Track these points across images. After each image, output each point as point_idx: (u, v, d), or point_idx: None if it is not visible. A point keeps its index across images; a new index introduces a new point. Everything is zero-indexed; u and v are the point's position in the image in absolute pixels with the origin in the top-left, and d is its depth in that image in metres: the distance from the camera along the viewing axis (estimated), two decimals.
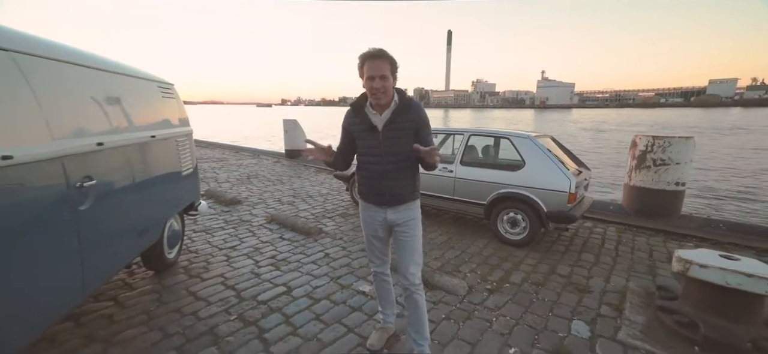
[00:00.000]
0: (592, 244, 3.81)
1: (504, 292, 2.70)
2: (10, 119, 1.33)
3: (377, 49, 1.60)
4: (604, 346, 2.07)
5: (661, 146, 4.57)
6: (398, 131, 1.69)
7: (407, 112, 1.69)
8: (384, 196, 1.77)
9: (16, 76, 1.39)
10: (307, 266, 3.05)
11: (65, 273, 1.56)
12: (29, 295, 1.37)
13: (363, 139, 1.75)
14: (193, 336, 2.07)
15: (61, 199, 1.51)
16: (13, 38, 1.43)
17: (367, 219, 1.88)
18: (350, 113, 1.79)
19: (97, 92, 1.92)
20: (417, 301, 1.82)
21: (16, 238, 1.30)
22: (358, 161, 1.83)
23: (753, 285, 1.90)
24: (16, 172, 1.30)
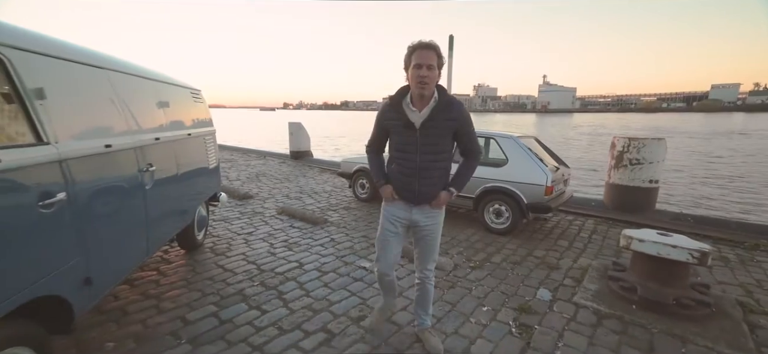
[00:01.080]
0: (570, 233, 4.26)
1: (484, 269, 3.16)
2: (109, 119, 1.83)
3: (428, 41, 1.62)
4: (560, 306, 2.53)
5: (636, 147, 5.01)
6: (436, 129, 1.67)
7: (448, 111, 1.67)
8: (414, 194, 1.76)
9: (108, 88, 1.89)
10: (315, 248, 3.53)
11: (140, 234, 2.05)
12: (122, 248, 1.87)
13: (399, 135, 1.74)
14: (225, 295, 2.55)
15: (137, 179, 2.01)
16: (107, 60, 1.93)
17: (390, 214, 1.85)
18: (387, 108, 1.76)
19: (154, 98, 2.42)
20: (428, 289, 1.97)
21: (115, 205, 1.80)
22: (392, 155, 1.83)
23: (677, 254, 2.36)
24: (113, 157, 1.79)
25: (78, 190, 1.50)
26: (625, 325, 2.28)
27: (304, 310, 2.40)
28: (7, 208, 1.20)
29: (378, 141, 1.91)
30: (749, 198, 8.13)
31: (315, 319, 2.30)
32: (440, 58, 1.63)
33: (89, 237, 1.58)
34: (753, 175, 11.03)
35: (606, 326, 2.28)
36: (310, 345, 2.04)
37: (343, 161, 6.01)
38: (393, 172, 1.83)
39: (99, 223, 1.67)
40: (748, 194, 8.52)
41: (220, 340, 2.05)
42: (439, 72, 1.66)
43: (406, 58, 1.65)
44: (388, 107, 1.76)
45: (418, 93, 1.65)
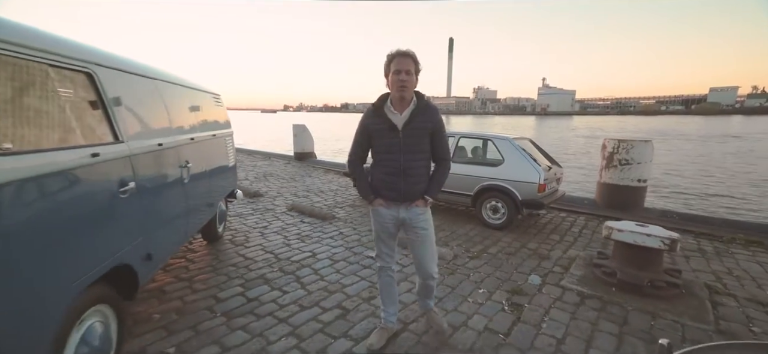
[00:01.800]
0: (562, 228, 4.57)
1: (481, 259, 3.47)
2: (159, 122, 2.15)
3: (405, 49, 1.77)
4: (549, 289, 2.83)
5: (625, 148, 5.33)
6: (416, 130, 1.81)
7: (425, 114, 1.82)
8: (399, 193, 1.86)
9: (157, 96, 2.20)
10: (326, 240, 3.83)
11: (181, 221, 2.36)
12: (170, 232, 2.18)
13: (383, 138, 1.85)
14: (249, 278, 2.85)
15: (178, 174, 2.31)
16: (156, 72, 2.24)
17: (380, 218, 1.94)
18: (371, 113, 1.88)
19: (188, 103, 2.73)
20: (431, 287, 2.05)
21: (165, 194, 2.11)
22: (375, 159, 1.93)
23: (651, 241, 2.67)
24: (163, 154, 2.10)
25: (141, 180, 1.81)
26: (604, 304, 2.59)
27: (320, 291, 2.71)
28: (102, 193, 1.51)
29: (361, 148, 1.96)
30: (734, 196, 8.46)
31: (330, 298, 2.61)
32: (417, 64, 1.78)
33: (149, 220, 1.89)
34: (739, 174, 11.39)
35: (587, 305, 2.59)
36: (328, 318, 2.34)
37: None
38: (377, 174, 1.91)
39: (155, 209, 1.98)
40: (733, 193, 8.86)
41: (250, 314, 2.35)
42: (417, 78, 1.80)
43: (386, 65, 1.79)
44: (371, 113, 1.88)
45: (398, 96, 1.79)
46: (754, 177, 11.19)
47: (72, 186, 1.36)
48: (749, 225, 4.62)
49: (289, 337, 2.13)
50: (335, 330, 2.22)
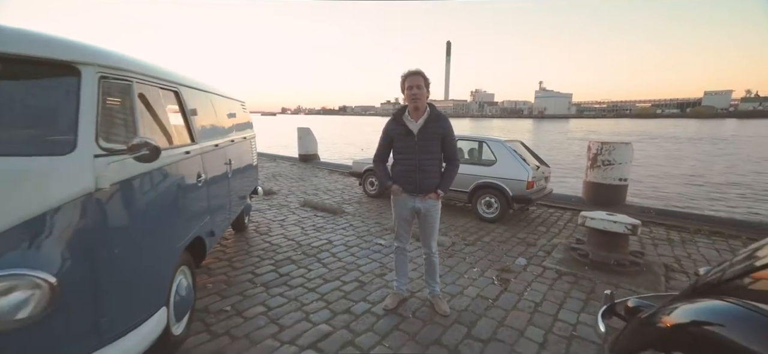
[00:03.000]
0: (549, 222, 5.09)
1: (476, 245, 3.97)
2: (212, 126, 2.65)
3: (416, 69, 2.21)
4: (532, 268, 3.34)
5: (607, 150, 5.86)
6: (429, 135, 2.21)
7: (437, 122, 2.22)
8: (416, 186, 2.26)
9: (210, 105, 2.70)
10: (339, 231, 4.33)
11: (227, 208, 2.86)
12: (222, 215, 2.68)
13: (401, 141, 2.27)
14: (278, 259, 3.35)
15: (225, 169, 2.82)
16: (209, 86, 2.75)
17: (399, 205, 2.36)
18: (392, 121, 2.33)
19: (227, 110, 3.24)
20: (434, 262, 2.50)
21: (218, 185, 2.61)
22: (395, 158, 2.35)
23: (617, 227, 3.19)
24: (217, 153, 2.61)
25: (207, 172, 2.31)
26: (578, 279, 3.10)
27: (339, 269, 3.21)
28: (190, 180, 2.01)
29: (384, 150, 2.38)
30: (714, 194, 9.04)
31: (348, 274, 3.11)
32: (426, 80, 2.21)
33: (211, 204, 2.39)
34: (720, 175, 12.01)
35: (563, 280, 3.10)
36: (348, 289, 2.84)
37: (354, 162, 6.83)
38: (397, 171, 2.32)
39: (214, 195, 2.48)
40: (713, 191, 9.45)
41: (284, 285, 2.85)
42: (427, 90, 2.21)
43: (402, 83, 2.24)
44: (392, 121, 2.32)
45: (413, 106, 2.22)
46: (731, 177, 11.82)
47: (176, 175, 1.86)
48: (715, 219, 5.17)
49: (319, 301, 2.63)
50: (355, 296, 2.72)
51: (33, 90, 1.37)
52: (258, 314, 2.42)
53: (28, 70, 1.33)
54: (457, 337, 2.23)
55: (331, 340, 2.17)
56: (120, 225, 1.45)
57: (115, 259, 1.40)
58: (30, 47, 1.31)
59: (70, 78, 1.36)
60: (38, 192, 1.22)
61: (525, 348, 2.16)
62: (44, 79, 1.37)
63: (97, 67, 1.43)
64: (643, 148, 20.29)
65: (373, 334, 2.25)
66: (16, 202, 1.19)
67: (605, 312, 1.88)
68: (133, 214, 1.53)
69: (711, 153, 18.88)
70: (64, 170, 1.27)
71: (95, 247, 1.33)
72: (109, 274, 1.37)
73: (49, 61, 1.34)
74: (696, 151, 19.53)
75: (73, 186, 1.27)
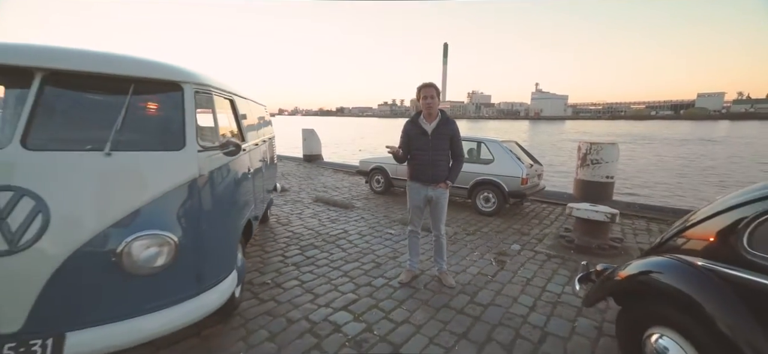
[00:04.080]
0: (542, 215, 5.57)
1: (476, 235, 4.45)
2: (252, 128, 3.10)
3: (429, 82, 2.70)
4: (525, 252, 3.81)
5: (595, 149, 6.35)
6: (440, 135, 2.71)
7: (447, 125, 2.73)
8: (428, 177, 2.76)
9: (249, 111, 3.16)
10: (352, 222, 4.78)
11: (261, 198, 3.31)
12: (259, 203, 3.13)
13: (417, 140, 2.75)
14: (302, 245, 3.80)
15: (260, 165, 3.27)
16: (246, 94, 3.20)
17: (413, 193, 2.86)
18: (409, 123, 2.82)
19: (258, 114, 3.69)
20: (442, 243, 2.97)
21: (257, 177, 3.06)
22: (412, 155, 2.82)
23: (598, 216, 3.67)
24: (257, 150, 3.07)
25: (252, 166, 2.76)
26: (564, 260, 3.58)
27: (357, 252, 3.66)
28: (245, 172, 2.46)
29: (405, 148, 2.84)
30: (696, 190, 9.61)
31: (366, 257, 3.56)
32: (437, 90, 2.73)
33: (255, 193, 2.85)
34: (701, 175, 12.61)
35: (552, 261, 3.58)
36: (367, 268, 3.29)
37: (361, 161, 7.29)
38: (414, 165, 2.83)
39: (256, 187, 2.93)
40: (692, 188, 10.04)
41: (311, 265, 3.30)
42: (439, 99, 2.72)
43: (417, 93, 2.77)
44: (410, 123, 2.82)
45: (427, 112, 2.74)
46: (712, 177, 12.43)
47: (237, 167, 2.31)
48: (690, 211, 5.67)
49: (343, 277, 3.08)
50: (374, 274, 3.18)
51: (153, 102, 1.82)
52: (294, 286, 2.87)
53: (149, 88, 1.79)
54: (462, 303, 2.70)
55: (358, 305, 2.62)
56: (212, 202, 1.90)
57: (208, 228, 1.85)
58: (151, 71, 1.77)
59: (176, 93, 1.82)
60: (162, 176, 1.68)
61: (518, 310, 2.63)
62: (159, 94, 1.82)
63: (192, 84, 1.88)
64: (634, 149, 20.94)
65: (392, 300, 2.71)
66: (151, 184, 1.64)
67: (581, 278, 2.36)
68: (218, 195, 1.98)
69: (700, 153, 19.53)
70: (178, 161, 1.72)
71: (198, 217, 1.78)
72: (206, 239, 1.82)
73: (162, 82, 1.80)
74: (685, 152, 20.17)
75: (185, 172, 1.73)
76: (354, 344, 2.16)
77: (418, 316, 2.51)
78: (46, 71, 1.57)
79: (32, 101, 1.52)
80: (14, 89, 1.66)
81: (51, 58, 1.58)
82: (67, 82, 1.63)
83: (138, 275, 1.57)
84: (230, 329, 2.25)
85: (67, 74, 1.62)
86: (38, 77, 1.56)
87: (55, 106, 1.61)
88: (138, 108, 1.78)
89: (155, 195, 1.64)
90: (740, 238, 1.46)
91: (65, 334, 1.43)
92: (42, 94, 1.55)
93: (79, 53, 1.65)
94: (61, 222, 1.44)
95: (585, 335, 2.34)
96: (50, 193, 1.43)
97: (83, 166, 1.55)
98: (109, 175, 1.58)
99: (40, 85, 1.55)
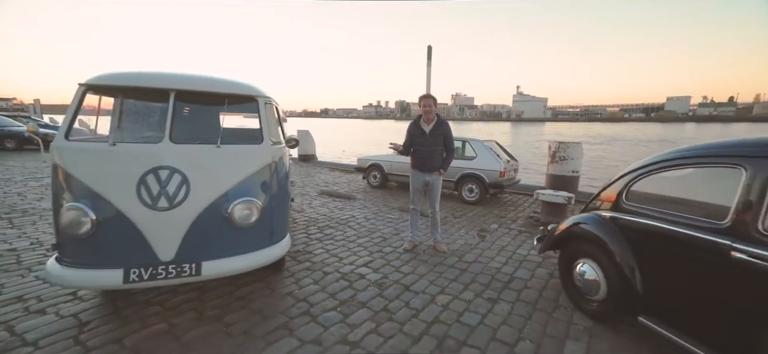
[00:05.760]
0: (517, 203, 6.53)
1: (462, 218, 5.33)
2: (282, 128, 3.87)
3: (427, 93, 3.65)
4: (502, 229, 4.72)
5: (563, 148, 7.35)
6: (436, 135, 3.55)
7: (441, 126, 3.56)
8: (427, 167, 3.61)
9: (275, 113, 3.92)
10: (356, 210, 5.58)
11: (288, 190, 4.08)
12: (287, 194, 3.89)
13: (419, 137, 3.59)
14: (319, 225, 4.57)
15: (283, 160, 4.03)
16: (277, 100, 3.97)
17: (415, 178, 3.70)
18: (412, 125, 3.64)
19: (282, 116, 4.45)
20: (436, 219, 3.79)
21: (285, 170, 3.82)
22: (415, 149, 3.65)
23: (558, 199, 4.62)
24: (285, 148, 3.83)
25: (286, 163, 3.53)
26: (532, 234, 4.49)
27: (365, 231, 4.47)
28: (287, 161, 3.23)
29: (409, 144, 3.72)
30: None
31: (373, 234, 4.37)
32: (435, 100, 3.58)
33: (291, 180, 3.61)
34: None
35: (522, 235, 4.49)
36: (376, 241, 4.10)
37: (358, 159, 8.09)
38: (416, 157, 3.68)
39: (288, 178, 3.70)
40: None
41: (330, 239, 4.08)
42: (435, 106, 3.60)
43: (419, 101, 3.63)
44: (413, 125, 3.69)
45: (425, 116, 3.62)
46: None
47: (287, 156, 3.09)
48: None
49: (358, 247, 3.88)
50: (382, 245, 3.99)
51: (242, 110, 2.59)
52: (321, 253, 3.65)
53: (237, 100, 2.55)
54: (453, 262, 3.55)
55: (374, 263, 3.43)
56: (278, 181, 2.68)
57: (277, 198, 2.62)
58: (236, 89, 2.55)
59: (253, 104, 2.59)
60: (251, 162, 2.45)
61: (494, 265, 3.50)
62: (244, 105, 2.60)
63: (262, 97, 2.66)
64: (605, 149, 22.55)
65: (399, 261, 3.53)
66: (245, 166, 2.41)
67: (538, 238, 3.26)
68: (281, 176, 2.76)
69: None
70: (260, 151, 2.50)
71: (272, 190, 2.56)
72: (276, 206, 2.60)
73: (244, 96, 2.57)
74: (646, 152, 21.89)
75: (264, 159, 2.51)
76: (376, 285, 2.98)
77: (420, 269, 3.35)
78: (177, 91, 2.32)
79: (171, 111, 2.26)
80: (158, 102, 2.41)
81: (179, 82, 2.34)
82: (190, 98, 2.39)
83: (239, 227, 2.33)
84: (283, 278, 3.02)
85: (190, 92, 2.37)
86: (172, 95, 2.31)
87: (184, 114, 2.36)
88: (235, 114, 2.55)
89: (248, 174, 2.41)
90: (622, 195, 2.37)
91: (202, 262, 2.18)
92: (176, 106, 2.30)
93: (195, 78, 2.41)
94: (196, 190, 2.19)
95: (541, 278, 3.23)
96: (189, 171, 2.19)
97: (205, 154, 2.31)
98: (220, 161, 2.34)
99: (174, 100, 2.30)
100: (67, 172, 2.08)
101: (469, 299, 2.78)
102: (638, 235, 2.21)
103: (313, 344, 2.15)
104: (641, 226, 2.19)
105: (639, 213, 2.24)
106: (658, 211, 2.11)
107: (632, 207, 2.30)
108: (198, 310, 2.45)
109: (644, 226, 2.16)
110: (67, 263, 2.08)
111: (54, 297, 2.52)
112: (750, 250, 1.58)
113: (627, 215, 2.31)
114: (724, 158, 1.82)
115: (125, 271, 2.04)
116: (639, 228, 2.20)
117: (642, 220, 2.18)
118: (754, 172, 1.64)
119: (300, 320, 2.40)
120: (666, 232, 2.00)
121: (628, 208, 2.33)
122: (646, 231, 2.15)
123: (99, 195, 2.05)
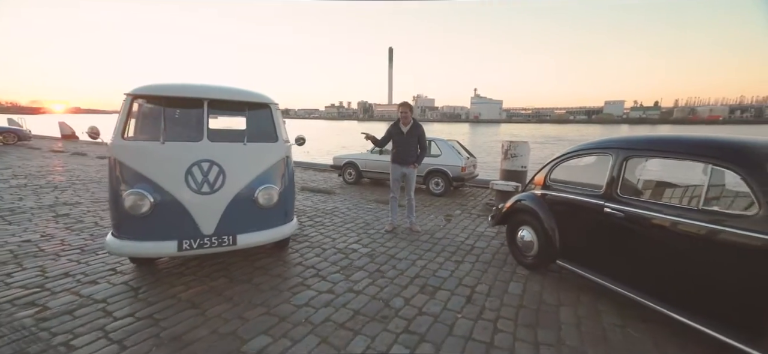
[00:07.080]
0: (477, 194, 7.54)
1: (431, 207, 6.18)
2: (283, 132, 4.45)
3: (405, 101, 4.44)
4: (464, 214, 5.63)
5: (513, 146, 8.53)
6: (412, 135, 4.36)
7: (416, 128, 4.39)
8: (404, 161, 4.41)
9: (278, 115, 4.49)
10: (338, 202, 6.22)
11: None
12: None
13: (398, 136, 4.38)
14: (310, 215, 5.18)
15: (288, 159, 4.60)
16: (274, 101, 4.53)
17: (394, 171, 4.48)
18: (392, 126, 4.42)
19: None
20: (412, 205, 4.60)
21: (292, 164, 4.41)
22: (394, 146, 4.42)
23: (507, 187, 5.63)
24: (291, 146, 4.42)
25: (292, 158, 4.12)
26: (488, 216, 5.45)
27: (349, 218, 5.15)
28: (292, 157, 3.84)
29: (386, 140, 4.61)
30: None
31: (356, 220, 5.06)
32: (411, 107, 4.52)
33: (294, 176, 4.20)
34: None
35: (480, 217, 5.43)
36: (360, 226, 4.80)
37: (334, 158, 8.70)
38: (395, 153, 4.47)
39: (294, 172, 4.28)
40: None
41: (321, 225, 4.71)
42: (411, 112, 4.53)
43: (398, 108, 4.51)
44: (393, 126, 4.53)
45: (403, 120, 4.50)
46: None
47: (290, 154, 3.69)
48: None
49: (348, 231, 4.56)
50: (366, 228, 4.71)
51: (258, 115, 3.18)
52: (316, 235, 4.29)
53: (255, 107, 3.14)
54: (426, 238, 4.36)
55: (362, 241, 4.14)
56: (289, 172, 3.29)
57: (289, 186, 3.24)
58: (254, 98, 3.14)
59: (267, 110, 3.20)
60: (270, 156, 3.06)
61: (458, 239, 4.36)
62: (259, 111, 3.19)
63: (273, 104, 3.27)
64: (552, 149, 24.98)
65: (383, 239, 4.27)
66: (265, 160, 3.01)
67: (492, 216, 4.15)
68: (291, 168, 3.38)
69: None
70: (276, 148, 3.11)
71: (285, 179, 3.18)
72: (288, 191, 3.22)
73: (260, 104, 3.17)
74: None
75: (279, 154, 3.13)
76: (367, 256, 3.69)
77: (401, 244, 4.11)
78: (209, 99, 2.87)
79: (206, 116, 2.81)
80: (193, 109, 2.92)
81: (210, 92, 2.89)
82: (218, 105, 2.95)
83: (263, 208, 2.93)
84: (289, 252, 3.63)
85: (219, 101, 2.93)
86: (206, 103, 2.85)
87: (216, 118, 2.91)
88: (253, 118, 3.13)
89: (268, 166, 3.02)
90: (547, 177, 3.31)
91: (237, 235, 2.76)
92: (209, 112, 2.84)
93: (223, 89, 2.98)
94: (231, 179, 2.77)
95: (494, 247, 4.14)
96: (224, 164, 2.75)
97: (235, 150, 2.88)
98: (247, 156, 2.92)
99: (208, 107, 2.84)
100: (127, 165, 2.57)
101: (440, 262, 3.60)
102: (557, 205, 3.15)
103: (328, 293, 2.82)
104: (559, 199, 3.12)
105: (557, 189, 3.17)
106: (568, 187, 3.05)
107: (554, 185, 3.24)
108: (228, 276, 3.00)
109: (560, 199, 3.09)
110: (125, 237, 2.56)
111: (97, 272, 2.94)
112: (613, 207, 2.53)
113: (551, 191, 3.24)
114: (602, 149, 2.79)
115: (179, 242, 2.58)
116: (557, 200, 3.14)
117: (559, 194, 3.12)
118: (616, 158, 2.60)
119: (313, 280, 3.05)
120: (572, 200, 2.94)
121: (551, 186, 3.26)
122: (561, 201, 3.08)
123: (155, 183, 2.56)
